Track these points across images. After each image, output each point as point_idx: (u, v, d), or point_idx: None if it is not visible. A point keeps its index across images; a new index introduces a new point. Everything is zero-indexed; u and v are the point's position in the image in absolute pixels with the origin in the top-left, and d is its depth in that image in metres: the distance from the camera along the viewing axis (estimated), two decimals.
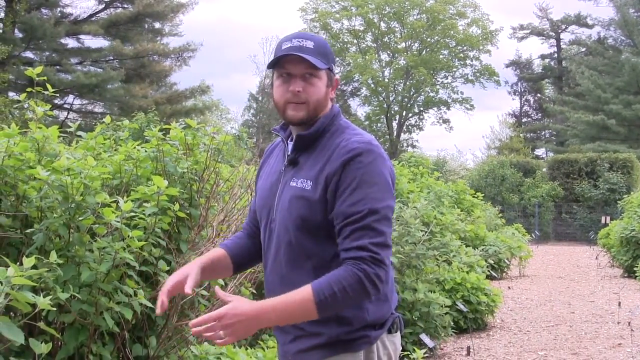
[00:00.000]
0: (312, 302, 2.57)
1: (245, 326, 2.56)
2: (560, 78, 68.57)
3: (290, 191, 2.82)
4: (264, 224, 2.99)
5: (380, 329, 2.82)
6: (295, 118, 2.86)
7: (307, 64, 2.81)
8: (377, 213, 2.65)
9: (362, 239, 2.61)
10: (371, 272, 2.59)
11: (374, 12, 61.62)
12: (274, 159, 3.12)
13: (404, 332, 8.15)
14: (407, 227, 8.66)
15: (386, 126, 63.75)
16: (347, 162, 2.69)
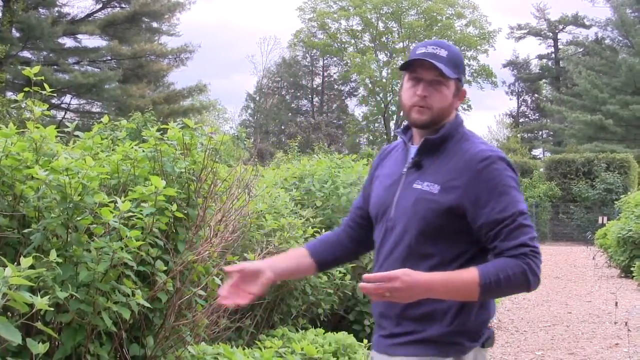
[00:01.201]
0: (477, 284, 2.69)
1: (412, 293, 2.67)
2: (558, 78, 68.63)
3: (415, 193, 2.89)
4: (381, 223, 3.05)
5: (475, 342, 2.88)
6: (419, 121, 2.94)
7: (438, 71, 2.88)
8: (524, 213, 2.80)
9: (520, 237, 2.73)
10: (534, 265, 2.72)
11: (372, 12, 61.65)
12: (391, 160, 3.18)
13: None
14: None
15: (384, 126, 63.79)
16: (483, 169, 2.80)
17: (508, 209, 2.75)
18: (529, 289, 2.76)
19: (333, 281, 7.57)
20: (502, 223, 2.74)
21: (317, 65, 65.59)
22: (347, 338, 6.58)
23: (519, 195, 2.83)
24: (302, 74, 64.90)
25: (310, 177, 9.00)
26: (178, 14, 44.38)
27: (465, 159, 2.84)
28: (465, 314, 2.83)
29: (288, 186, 8.91)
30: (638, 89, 47.56)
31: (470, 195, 2.78)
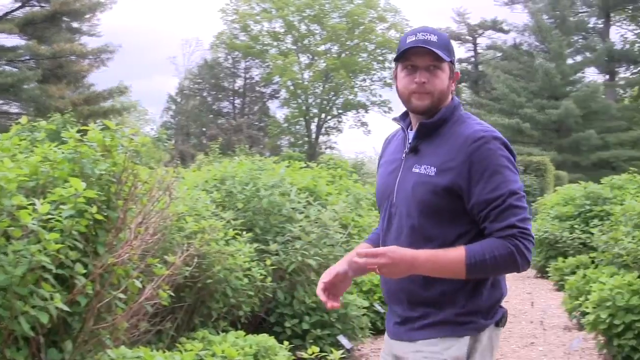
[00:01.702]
0: (463, 264, 2.79)
1: (398, 268, 2.81)
2: (477, 82, 69.48)
3: (414, 177, 2.97)
4: (384, 208, 3.13)
5: (490, 319, 2.97)
6: (420, 107, 3.02)
7: (433, 56, 2.96)
8: (516, 193, 2.86)
9: (509, 218, 2.82)
10: (522, 247, 2.80)
11: (294, 14, 61.65)
12: (392, 147, 3.27)
13: (321, 333, 8.20)
14: (326, 229, 8.70)
15: (305, 128, 63.81)
16: (476, 150, 2.86)
17: (499, 189, 2.82)
18: (518, 269, 2.85)
19: (254, 283, 7.57)
20: (492, 203, 2.81)
21: (239, 67, 65.29)
22: (267, 340, 6.58)
23: (512, 175, 2.88)
24: (223, 76, 64.53)
25: (232, 179, 8.99)
26: (99, 13, 43.79)
27: (460, 140, 2.90)
28: (478, 293, 2.92)
29: (209, 188, 8.88)
30: (554, 94, 48.51)
31: (464, 175, 2.84)
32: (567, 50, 51.38)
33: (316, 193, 10.32)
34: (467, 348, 2.89)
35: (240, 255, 7.32)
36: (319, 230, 8.55)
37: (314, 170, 11.70)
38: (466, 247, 2.81)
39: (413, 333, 2.97)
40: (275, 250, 8.18)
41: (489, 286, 2.95)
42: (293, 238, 8.41)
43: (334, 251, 8.70)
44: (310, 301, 8.35)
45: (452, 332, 2.89)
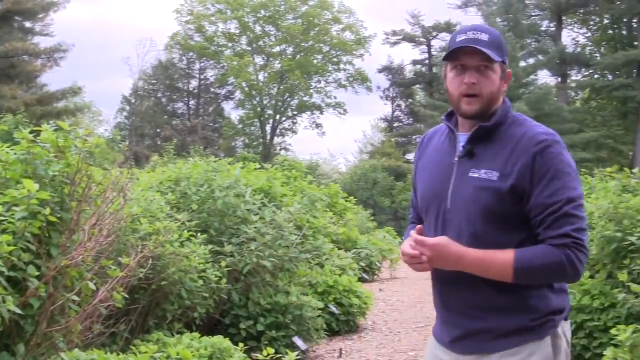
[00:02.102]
0: (511, 267, 2.73)
1: (445, 260, 2.80)
2: (431, 83, 69.91)
3: (473, 182, 2.87)
4: (434, 215, 3.01)
5: (561, 315, 2.89)
6: (470, 112, 2.92)
7: (483, 56, 2.86)
8: (574, 201, 2.76)
9: (564, 226, 2.73)
10: (573, 257, 2.71)
11: (249, 15, 61.56)
12: (434, 149, 3.15)
13: (276, 335, 8.21)
14: (281, 230, 8.70)
15: (260, 129, 63.74)
16: (538, 153, 2.77)
17: (557, 195, 2.75)
18: (567, 280, 2.82)
19: (209, 285, 7.55)
20: (548, 209, 2.74)
21: (194, 68, 65.05)
22: (222, 342, 6.57)
23: (572, 182, 2.80)
24: (178, 77, 64.26)
25: (186, 181, 8.95)
26: (52, 13, 43.32)
27: (522, 143, 2.82)
28: (546, 296, 2.85)
29: (164, 189, 8.84)
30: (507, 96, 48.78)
31: (526, 178, 2.77)
32: (520, 53, 51.79)
33: (271, 194, 10.32)
34: (552, 347, 2.83)
35: (195, 257, 7.30)
36: (273, 232, 8.55)
37: (269, 172, 11.71)
38: (515, 251, 2.76)
39: (486, 345, 2.88)
40: (230, 252, 8.17)
41: (555, 288, 2.89)
42: (248, 239, 8.40)
43: (289, 252, 8.70)
44: (265, 302, 8.34)
45: (533, 337, 2.82)
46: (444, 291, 3.03)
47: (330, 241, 13.56)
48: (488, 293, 2.84)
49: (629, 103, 49.23)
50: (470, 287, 2.87)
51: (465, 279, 2.84)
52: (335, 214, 17.37)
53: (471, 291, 2.88)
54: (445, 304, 3.04)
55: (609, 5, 54.10)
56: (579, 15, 58.36)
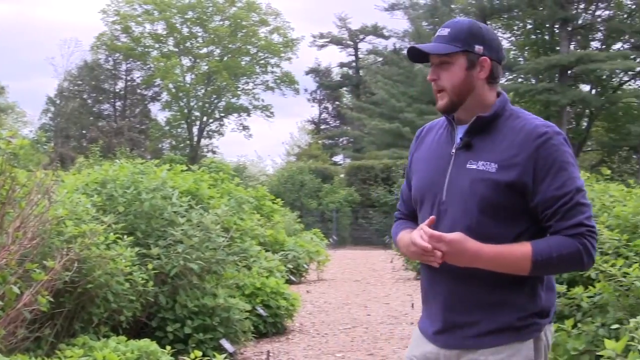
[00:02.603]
0: (529, 261, 2.74)
1: (461, 257, 2.77)
2: (358, 86, 70.30)
3: (471, 174, 2.87)
4: (429, 207, 3.01)
5: (547, 318, 2.90)
6: (440, 107, 2.99)
7: (433, 53, 2.93)
8: (581, 190, 2.80)
9: (577, 216, 2.76)
10: (589, 245, 2.75)
11: (177, 16, 61.19)
12: (432, 141, 3.16)
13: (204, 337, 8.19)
14: (208, 232, 8.68)
15: (187, 131, 63.40)
16: (541, 146, 2.79)
17: (566, 186, 2.77)
18: (583, 268, 2.84)
19: (135, 288, 7.50)
20: (559, 200, 2.76)
21: (120, 69, 64.37)
22: (149, 345, 6.54)
23: (576, 172, 2.83)
24: (104, 78, 63.51)
25: (113, 183, 8.87)
26: None
27: (522, 136, 2.83)
28: (536, 295, 2.86)
29: (90, 192, 8.74)
30: (433, 99, 48.96)
31: (529, 172, 2.78)
32: None
33: (198, 196, 10.29)
34: (533, 350, 2.84)
35: (122, 260, 7.24)
36: (201, 234, 8.53)
37: (196, 174, 11.66)
38: (532, 244, 2.77)
39: (470, 341, 2.89)
40: (157, 254, 8.12)
41: (545, 287, 2.91)
42: (175, 242, 8.36)
43: (216, 255, 8.69)
44: (192, 305, 8.32)
45: (517, 337, 2.83)
46: (433, 284, 3.04)
47: (258, 243, 13.55)
48: (479, 288, 2.87)
49: (552, 107, 50.12)
50: (461, 281, 2.89)
51: (456, 273, 2.86)
52: (262, 216, 17.35)
53: (462, 286, 2.90)
54: (434, 296, 3.04)
55: (532, 10, 55.06)
56: (503, 20, 59.29)
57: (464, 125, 3.00)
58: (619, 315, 5.86)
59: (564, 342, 5.85)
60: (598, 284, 6.11)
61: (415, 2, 60.04)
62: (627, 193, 8.57)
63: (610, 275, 5.97)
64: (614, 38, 58.01)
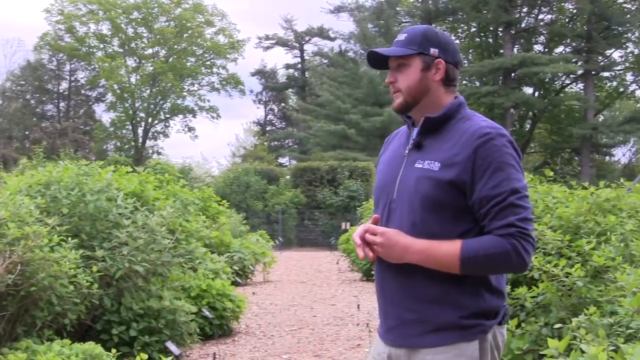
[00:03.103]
0: (458, 258, 2.76)
1: (392, 250, 2.85)
2: (304, 88, 70.46)
3: (416, 172, 2.91)
4: (382, 205, 3.05)
5: (494, 319, 2.90)
6: (395, 106, 3.07)
7: (392, 56, 3.03)
8: (518, 192, 2.80)
9: (508, 217, 2.77)
10: (519, 246, 2.74)
11: (122, 16, 60.72)
12: (395, 145, 3.20)
13: (149, 340, 8.14)
14: (153, 234, 8.63)
15: (132, 133, 62.98)
16: (480, 146, 2.81)
17: (501, 186, 2.78)
18: (513, 270, 2.82)
19: (80, 290, 7.43)
20: (492, 200, 2.78)
21: (64, 70, 63.75)
22: (94, 348, 6.49)
23: (516, 174, 2.83)
24: (48, 78, 62.85)
25: (57, 184, 8.79)
26: None
27: (466, 136, 2.87)
28: (479, 295, 2.87)
29: (33, 193, 8.65)
30: (378, 101, 49.71)
31: (468, 170, 2.81)
32: None
33: (143, 198, 10.23)
34: (478, 352, 2.85)
35: (66, 262, 7.17)
36: (146, 236, 8.48)
37: (141, 175, 11.58)
38: (463, 242, 2.79)
39: (415, 339, 2.92)
40: (102, 257, 8.05)
41: (491, 287, 2.91)
42: (120, 244, 8.31)
43: (162, 257, 8.65)
44: (137, 308, 8.27)
45: (461, 338, 2.84)
46: (383, 281, 3.06)
47: (204, 245, 13.51)
48: (423, 284, 2.88)
49: (496, 109, 50.77)
50: (407, 277, 2.91)
51: (403, 269, 2.89)
52: (208, 218, 17.30)
53: (408, 281, 2.92)
54: (383, 293, 3.07)
55: (476, 14, 55.75)
56: (448, 22, 59.94)
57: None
58: (561, 315, 5.95)
59: (508, 342, 5.92)
60: (541, 284, 6.19)
61: (360, 5, 60.52)
62: (570, 194, 8.69)
63: (553, 275, 6.06)
64: (556, 42, 59.02)
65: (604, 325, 4.77)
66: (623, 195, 7.86)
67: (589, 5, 51.74)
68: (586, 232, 7.12)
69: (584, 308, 5.24)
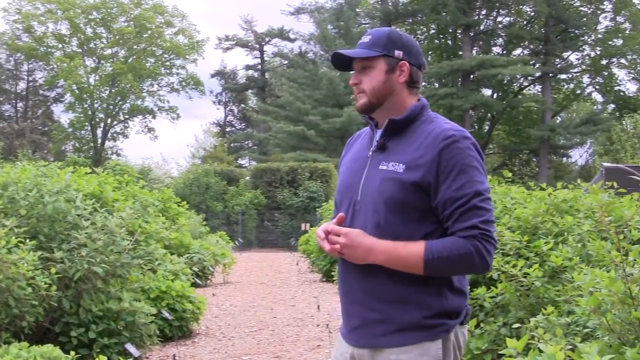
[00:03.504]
0: (421, 259, 2.78)
1: (356, 251, 2.87)
2: (264, 89, 70.42)
3: (381, 174, 2.92)
4: (346, 206, 3.05)
5: (457, 319, 2.91)
6: (359, 106, 3.07)
7: (358, 58, 3.02)
8: (481, 194, 2.83)
9: (471, 219, 2.79)
10: (482, 248, 2.77)
11: (81, 16, 60.28)
12: (357, 147, 3.21)
13: (108, 342, 8.10)
14: (112, 236, 8.58)
15: (90, 133, 62.56)
16: (445, 148, 2.83)
17: (464, 188, 2.80)
18: (475, 271, 2.85)
19: (38, 292, 7.37)
20: (456, 202, 2.80)
21: (22, 69, 63.19)
22: (53, 351, 6.44)
23: (479, 176, 2.86)
24: (5, 78, 62.25)
25: (14, 185, 8.70)
26: None
27: (430, 138, 2.88)
28: (442, 295, 2.88)
29: None
30: (338, 102, 49.80)
31: (432, 172, 2.82)
32: None
33: (102, 199, 10.17)
34: (441, 351, 2.86)
35: (24, 264, 7.11)
36: (105, 237, 8.43)
37: (100, 177, 11.53)
38: (426, 243, 2.81)
39: (379, 340, 2.91)
40: (61, 258, 7.99)
41: (453, 287, 2.93)
42: (79, 245, 8.25)
43: (121, 258, 8.60)
44: (96, 309, 8.22)
45: (424, 337, 2.84)
46: (346, 281, 3.07)
47: (163, 246, 13.46)
48: (386, 284, 2.89)
49: (455, 111, 51.07)
50: (371, 277, 2.92)
51: (367, 269, 2.90)
52: (167, 219, 17.24)
53: (372, 282, 2.93)
54: (347, 293, 3.07)
55: (435, 15, 56.12)
56: (407, 24, 60.23)
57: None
58: (520, 315, 6.01)
59: (468, 342, 5.96)
60: (500, 284, 6.24)
61: (320, 6, 60.57)
62: (528, 195, 8.79)
63: (511, 275, 6.11)
64: (515, 44, 59.58)
65: (561, 325, 4.82)
66: (580, 196, 7.96)
67: (547, 8, 52.35)
68: (544, 232, 7.20)
69: (542, 308, 5.29)
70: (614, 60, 60.01)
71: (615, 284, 3.70)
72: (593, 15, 58.06)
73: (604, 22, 60.06)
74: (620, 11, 57.58)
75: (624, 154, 43.94)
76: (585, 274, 4.20)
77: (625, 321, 3.72)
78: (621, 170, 19.36)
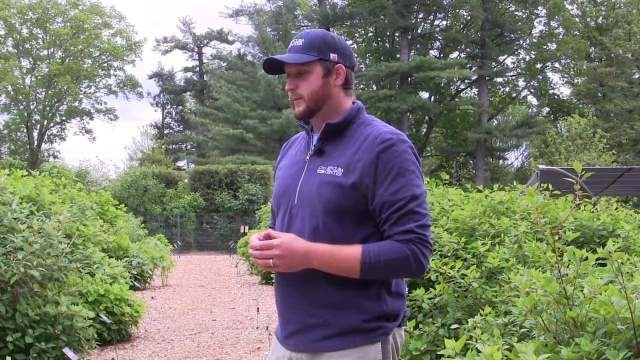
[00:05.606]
0: (358, 262, 2.77)
1: (293, 260, 2.80)
2: (202, 91, 70.13)
3: (319, 177, 2.91)
4: (283, 211, 3.04)
5: (395, 322, 2.92)
6: (297, 113, 3.03)
7: (289, 63, 2.98)
8: (417, 198, 2.82)
9: (408, 223, 2.79)
10: (418, 252, 2.78)
11: (16, 16, 59.40)
12: (293, 151, 3.19)
13: (46, 347, 8.01)
14: (49, 239, 8.49)
15: (26, 135, 61.62)
16: (382, 152, 2.83)
17: (401, 192, 2.80)
18: (412, 275, 2.83)
19: None
20: (393, 206, 2.79)
21: None
22: None
23: (416, 180, 2.85)
24: None
25: None
26: None
27: (367, 141, 2.88)
28: (381, 298, 2.88)
29: None
30: (276, 104, 49.78)
31: (370, 175, 2.82)
32: None
33: (39, 202, 10.06)
34: (381, 354, 2.86)
35: None
36: (42, 241, 8.33)
37: (37, 179, 11.39)
38: (363, 247, 2.80)
39: (318, 344, 2.90)
40: None
41: (392, 291, 2.93)
42: (15, 249, 8.14)
43: (58, 261, 8.51)
44: (33, 314, 8.13)
45: (363, 340, 2.84)
46: (283, 286, 3.05)
47: (101, 249, 13.35)
48: (325, 288, 2.88)
49: (393, 113, 51.41)
50: (308, 281, 2.91)
51: (305, 274, 2.88)
52: (105, 222, 17.10)
53: (309, 286, 2.92)
54: (284, 298, 3.06)
55: (373, 18, 56.49)
56: (345, 27, 60.52)
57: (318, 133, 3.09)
58: (458, 316, 6.08)
59: (406, 343, 6.02)
60: (438, 285, 6.31)
61: (259, 9, 60.56)
62: (465, 197, 8.90)
63: (449, 277, 6.19)
64: (451, 47, 60.27)
65: (498, 325, 4.90)
66: (516, 198, 8.10)
67: (483, 12, 53.05)
68: (481, 234, 7.30)
69: (480, 308, 5.38)
70: (548, 64, 61.10)
71: (551, 284, 3.77)
72: (528, 20, 59.00)
73: (539, 26, 61.28)
74: (554, 16, 58.67)
75: (558, 156, 44.59)
76: (521, 274, 4.27)
77: (561, 321, 3.79)
78: (556, 173, 19.73)
